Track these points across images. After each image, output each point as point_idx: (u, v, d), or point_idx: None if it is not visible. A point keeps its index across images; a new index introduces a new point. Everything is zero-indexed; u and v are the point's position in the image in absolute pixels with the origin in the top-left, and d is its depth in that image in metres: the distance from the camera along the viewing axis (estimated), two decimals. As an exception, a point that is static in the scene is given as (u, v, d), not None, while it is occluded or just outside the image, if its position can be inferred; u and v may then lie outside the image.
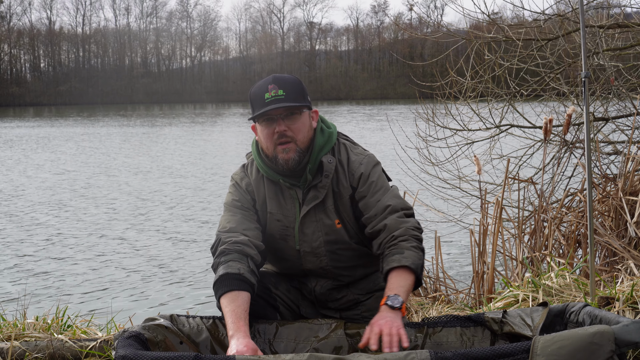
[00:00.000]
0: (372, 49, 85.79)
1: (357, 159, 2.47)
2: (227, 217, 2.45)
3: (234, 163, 17.57)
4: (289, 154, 2.37)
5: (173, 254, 7.94)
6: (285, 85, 2.36)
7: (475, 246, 4.35)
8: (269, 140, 2.38)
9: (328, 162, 2.41)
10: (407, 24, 59.03)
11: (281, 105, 2.32)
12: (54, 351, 2.76)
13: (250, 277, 2.27)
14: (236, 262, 2.28)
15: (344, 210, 2.44)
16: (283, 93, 2.33)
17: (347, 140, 2.56)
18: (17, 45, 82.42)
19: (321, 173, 2.42)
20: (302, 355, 1.84)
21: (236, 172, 2.58)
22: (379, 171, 2.47)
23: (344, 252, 2.48)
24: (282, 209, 2.46)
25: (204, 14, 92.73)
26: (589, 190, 2.94)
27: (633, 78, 5.91)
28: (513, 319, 2.27)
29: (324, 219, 2.43)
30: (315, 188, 2.42)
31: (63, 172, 16.05)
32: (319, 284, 2.53)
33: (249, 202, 2.49)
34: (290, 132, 2.36)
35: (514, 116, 6.40)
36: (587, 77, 2.91)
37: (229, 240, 2.34)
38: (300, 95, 2.38)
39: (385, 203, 2.38)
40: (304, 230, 2.45)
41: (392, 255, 2.27)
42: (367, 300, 2.55)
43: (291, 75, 2.47)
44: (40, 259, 7.66)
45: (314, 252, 2.46)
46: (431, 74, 7.07)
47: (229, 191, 2.55)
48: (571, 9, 5.76)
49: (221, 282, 2.24)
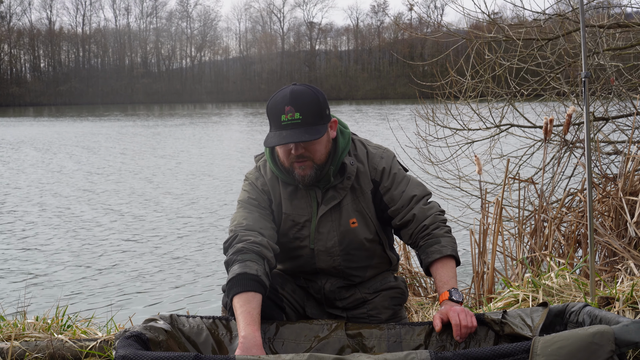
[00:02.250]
0: (372, 49, 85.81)
1: (376, 152, 2.49)
2: (243, 213, 2.42)
3: (234, 163, 17.57)
4: (306, 170, 2.34)
5: (173, 253, 7.94)
6: (302, 106, 2.27)
7: (475, 246, 4.35)
8: (284, 157, 2.37)
9: (350, 164, 2.41)
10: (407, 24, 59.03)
11: (295, 139, 2.25)
12: (54, 351, 2.76)
13: (265, 280, 2.25)
14: (254, 262, 2.26)
15: (366, 206, 2.45)
16: (300, 117, 2.26)
17: (357, 137, 2.56)
18: (17, 45, 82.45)
19: (342, 174, 2.42)
20: (302, 355, 1.84)
21: (250, 172, 2.55)
22: (397, 164, 2.52)
23: (357, 252, 2.49)
24: (298, 209, 2.45)
25: (204, 14, 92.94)
26: (589, 190, 2.94)
27: (633, 78, 5.91)
28: (513, 319, 2.27)
29: (340, 219, 2.44)
30: (334, 188, 2.43)
31: (62, 171, 16.05)
32: (329, 282, 2.54)
33: (266, 202, 2.46)
34: (308, 152, 2.33)
35: (514, 116, 6.40)
36: (587, 77, 2.90)
37: (247, 239, 2.31)
38: (318, 116, 2.31)
39: (410, 193, 2.44)
40: (320, 230, 2.45)
41: (430, 247, 2.37)
42: (373, 299, 2.56)
43: (309, 89, 2.34)
44: (41, 259, 7.66)
45: (328, 252, 2.47)
46: (431, 73, 7.07)
47: (243, 189, 2.51)
48: (571, 8, 5.76)
49: (236, 281, 2.21)
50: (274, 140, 2.27)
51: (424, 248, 2.38)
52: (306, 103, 2.28)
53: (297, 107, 2.26)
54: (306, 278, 2.57)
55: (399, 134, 6.59)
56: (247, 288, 2.19)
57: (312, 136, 2.27)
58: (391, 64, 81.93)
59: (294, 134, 2.25)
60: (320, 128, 2.31)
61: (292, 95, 2.28)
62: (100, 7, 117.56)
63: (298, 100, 2.27)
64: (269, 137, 2.30)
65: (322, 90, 2.39)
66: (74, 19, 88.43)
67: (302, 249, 2.49)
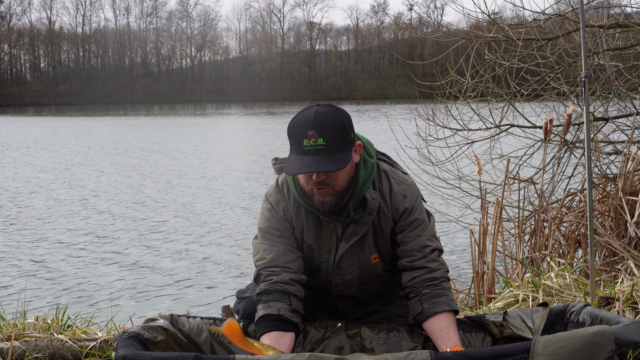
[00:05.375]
0: (372, 49, 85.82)
1: (399, 189, 2.35)
2: (266, 246, 2.35)
3: (233, 164, 17.57)
4: (326, 197, 2.24)
5: (173, 253, 7.94)
6: (326, 131, 2.15)
7: (475, 246, 4.35)
8: (304, 182, 2.26)
9: (372, 199, 2.29)
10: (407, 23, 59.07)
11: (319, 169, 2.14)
12: (54, 351, 2.76)
13: (291, 317, 2.24)
14: (277, 301, 2.25)
15: (384, 243, 2.37)
16: (323, 143, 2.14)
17: (385, 162, 2.44)
18: (17, 45, 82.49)
19: (363, 208, 2.31)
20: (303, 355, 1.84)
21: (270, 193, 2.42)
22: (421, 204, 2.39)
23: (375, 283, 2.45)
24: (319, 240, 2.37)
25: (204, 14, 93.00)
26: (589, 190, 2.94)
27: (633, 78, 5.91)
28: (514, 320, 2.27)
29: (360, 254, 2.36)
30: (356, 223, 2.32)
31: (60, 171, 16.05)
32: (342, 301, 2.52)
33: (288, 231, 2.37)
34: (329, 179, 2.22)
35: (514, 116, 6.39)
36: (587, 77, 2.91)
37: (270, 280, 2.29)
38: (343, 142, 2.18)
39: (425, 242, 2.34)
40: (340, 264, 2.38)
41: (438, 297, 2.27)
42: (385, 308, 2.55)
43: (334, 111, 2.21)
44: (41, 259, 7.66)
45: (346, 284, 2.42)
46: (431, 73, 7.06)
47: (263, 214, 2.41)
48: (571, 8, 5.76)
49: (260, 323, 2.24)
50: (296, 168, 2.16)
51: (430, 296, 2.27)
52: (330, 127, 2.16)
53: (321, 132, 2.14)
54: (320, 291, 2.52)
55: (399, 134, 6.59)
56: (271, 328, 2.21)
57: (336, 166, 2.15)
58: (391, 64, 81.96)
59: (317, 162, 2.14)
60: (344, 156, 2.18)
61: (315, 118, 2.16)
62: (100, 7, 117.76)
63: (322, 124, 2.15)
64: (290, 162, 2.20)
65: (322, 90, 2.35)
66: (74, 19, 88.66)
67: (319, 274, 2.43)
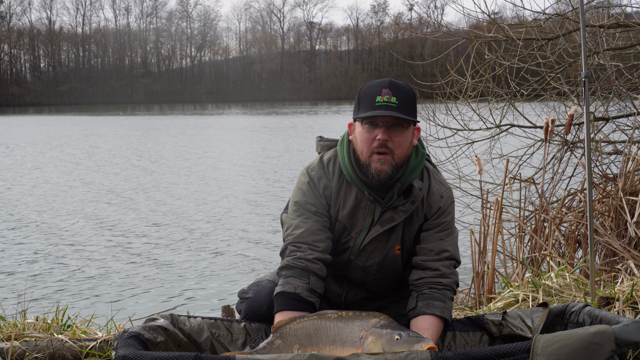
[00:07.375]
0: (372, 49, 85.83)
1: (438, 190, 2.37)
2: (298, 222, 2.34)
3: (238, 169, 17.55)
4: (384, 165, 2.24)
5: (173, 253, 7.93)
6: (400, 93, 2.23)
7: (475, 246, 4.35)
8: (366, 145, 2.25)
9: (419, 188, 2.31)
10: (407, 23, 59.04)
11: (391, 114, 2.19)
12: (54, 351, 2.76)
13: (307, 296, 2.24)
14: (296, 278, 2.25)
15: (409, 237, 2.38)
16: (396, 101, 2.21)
17: (430, 163, 2.45)
18: (17, 45, 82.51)
19: (406, 196, 2.32)
20: (303, 355, 1.84)
21: (312, 167, 2.41)
22: (453, 210, 2.41)
23: (390, 275, 2.44)
24: (352, 219, 2.36)
25: (204, 14, 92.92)
26: (589, 190, 2.94)
27: (633, 78, 5.91)
28: (513, 320, 2.27)
29: (387, 242, 2.36)
30: (394, 210, 2.32)
31: (60, 171, 16.05)
32: (352, 292, 2.50)
33: (324, 208, 2.36)
34: (392, 143, 2.23)
35: (515, 116, 6.39)
36: (588, 77, 2.91)
37: (294, 255, 2.29)
38: (412, 109, 2.26)
39: (445, 247, 2.34)
40: (366, 247, 2.37)
41: (435, 300, 2.26)
42: (390, 306, 2.54)
43: (407, 85, 2.31)
44: (40, 259, 7.66)
45: (365, 268, 2.41)
46: (431, 73, 7.06)
47: (300, 188, 2.38)
48: (571, 8, 5.76)
49: (277, 299, 2.25)
50: (369, 113, 2.21)
51: (427, 297, 2.27)
52: (404, 90, 2.25)
53: (395, 92, 2.22)
54: (329, 282, 2.49)
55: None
56: (284, 307, 2.23)
57: (408, 117, 2.22)
58: (391, 64, 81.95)
59: (389, 110, 2.19)
60: (413, 118, 2.26)
61: (391, 81, 2.25)
62: (100, 7, 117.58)
63: (396, 86, 2.24)
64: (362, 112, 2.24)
65: (322, 90, 2.36)
66: (74, 19, 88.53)
67: (340, 255, 2.41)
